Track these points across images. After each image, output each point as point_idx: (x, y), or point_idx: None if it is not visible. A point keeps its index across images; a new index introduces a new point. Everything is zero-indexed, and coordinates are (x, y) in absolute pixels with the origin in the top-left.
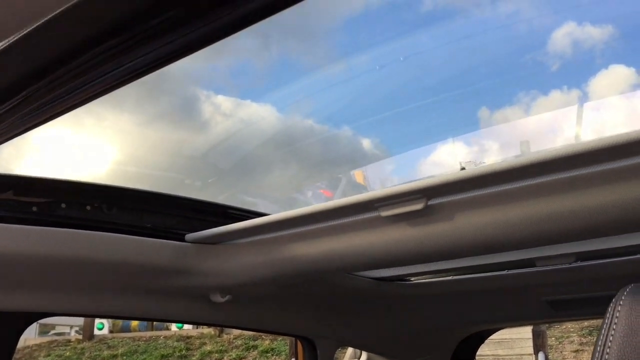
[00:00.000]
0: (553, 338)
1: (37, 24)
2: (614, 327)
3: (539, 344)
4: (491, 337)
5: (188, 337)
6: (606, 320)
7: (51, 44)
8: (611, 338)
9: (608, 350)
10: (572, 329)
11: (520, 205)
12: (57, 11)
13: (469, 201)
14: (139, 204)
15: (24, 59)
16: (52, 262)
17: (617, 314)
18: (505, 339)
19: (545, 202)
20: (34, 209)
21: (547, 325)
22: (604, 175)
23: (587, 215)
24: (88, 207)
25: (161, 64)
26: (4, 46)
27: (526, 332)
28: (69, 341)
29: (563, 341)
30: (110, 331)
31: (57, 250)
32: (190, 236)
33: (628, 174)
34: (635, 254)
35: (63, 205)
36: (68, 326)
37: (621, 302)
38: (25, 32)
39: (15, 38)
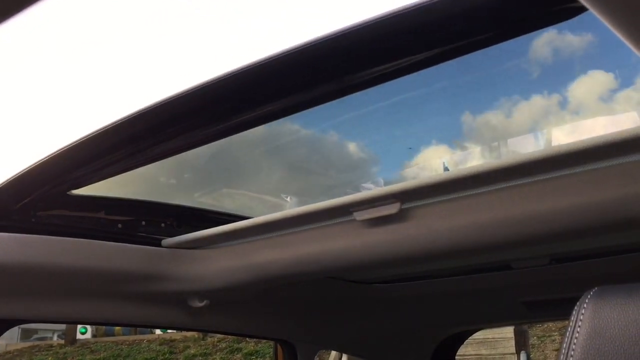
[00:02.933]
0: (535, 337)
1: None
2: (578, 329)
3: (521, 343)
4: (474, 336)
5: (172, 341)
6: (570, 324)
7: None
8: (575, 341)
9: (572, 352)
10: (553, 328)
11: (493, 209)
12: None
13: (443, 205)
14: (115, 210)
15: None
16: (26, 269)
17: (581, 317)
18: (488, 338)
19: (518, 205)
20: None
21: (528, 324)
22: (576, 179)
23: (559, 218)
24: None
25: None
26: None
27: (508, 331)
28: (51, 346)
29: (545, 340)
30: (93, 335)
31: (32, 257)
32: (166, 241)
33: (599, 177)
34: (608, 254)
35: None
36: (50, 331)
37: (585, 305)
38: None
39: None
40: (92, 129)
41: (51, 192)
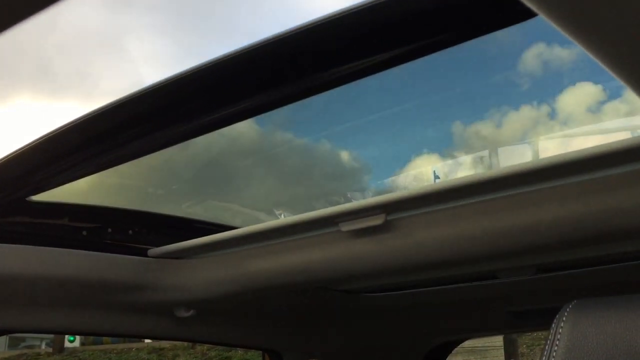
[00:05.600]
0: (524, 346)
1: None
2: (557, 342)
3: (510, 351)
4: (463, 345)
5: (161, 349)
6: (550, 336)
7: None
8: (554, 354)
9: None
10: (542, 337)
11: (479, 221)
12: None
13: (428, 216)
14: (100, 219)
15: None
16: (11, 279)
17: (560, 330)
18: (478, 347)
19: (503, 216)
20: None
21: (517, 333)
22: (560, 191)
23: (543, 230)
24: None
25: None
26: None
27: (498, 340)
28: (39, 354)
29: (534, 349)
30: (82, 344)
31: (17, 267)
32: (153, 251)
33: (583, 189)
34: (594, 265)
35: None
36: (39, 339)
37: (564, 318)
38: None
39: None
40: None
41: (8, 198)
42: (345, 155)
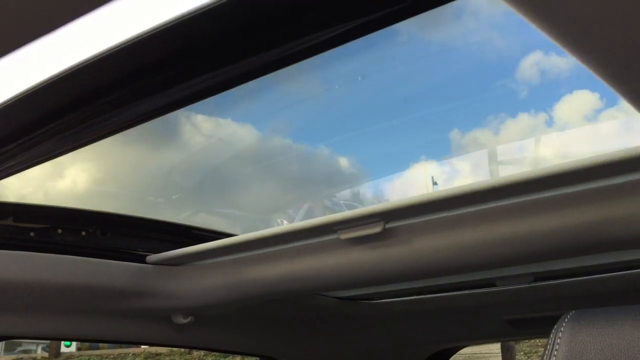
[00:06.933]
0: (522, 353)
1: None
2: (555, 352)
3: (508, 359)
4: (461, 352)
5: (157, 354)
6: (548, 347)
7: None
8: None
9: None
10: (540, 344)
11: (476, 229)
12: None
13: (427, 224)
14: (99, 225)
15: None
16: (9, 285)
17: (559, 340)
18: (475, 353)
19: (501, 225)
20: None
21: (515, 340)
22: (558, 200)
23: (541, 239)
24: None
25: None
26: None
27: (495, 347)
28: (35, 359)
29: (531, 356)
30: (78, 349)
31: (15, 273)
32: (151, 258)
33: (581, 199)
34: (592, 274)
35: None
36: (35, 343)
37: (562, 329)
38: (51, 79)
39: (48, 82)
40: None
41: None
42: (344, 162)
